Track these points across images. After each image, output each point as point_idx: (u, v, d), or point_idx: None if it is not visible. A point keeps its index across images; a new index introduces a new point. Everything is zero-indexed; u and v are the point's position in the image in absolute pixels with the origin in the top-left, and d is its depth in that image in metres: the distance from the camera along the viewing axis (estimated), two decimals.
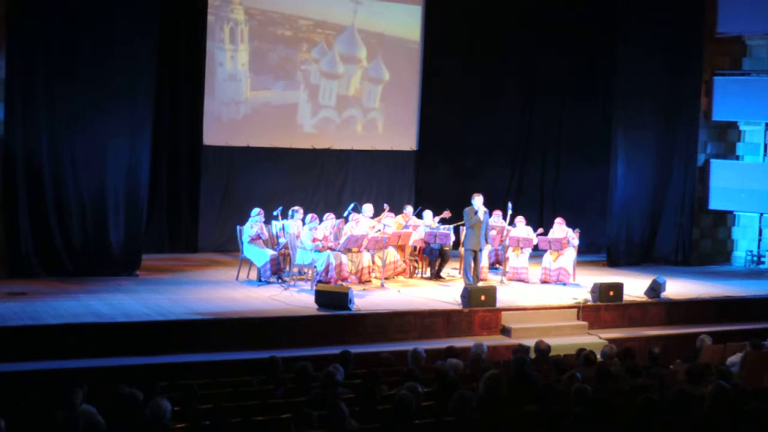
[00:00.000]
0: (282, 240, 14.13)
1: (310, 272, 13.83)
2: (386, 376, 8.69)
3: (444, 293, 13.87)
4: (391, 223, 15.01)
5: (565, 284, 14.98)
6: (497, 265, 15.81)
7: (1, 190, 13.57)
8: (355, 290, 13.14)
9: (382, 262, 14.42)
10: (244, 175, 17.06)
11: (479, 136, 19.03)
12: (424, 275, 15.25)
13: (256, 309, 12.30)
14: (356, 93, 18.01)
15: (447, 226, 15.32)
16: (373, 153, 18.29)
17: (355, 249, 14.18)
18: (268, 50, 17.18)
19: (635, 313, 13.93)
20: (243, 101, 17.06)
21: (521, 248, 15.27)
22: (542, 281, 15.16)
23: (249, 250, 14.02)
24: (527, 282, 15.13)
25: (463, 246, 14.19)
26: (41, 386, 9.17)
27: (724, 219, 18.88)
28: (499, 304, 13.08)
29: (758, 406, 7.58)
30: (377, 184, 18.33)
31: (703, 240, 18.58)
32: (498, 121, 19.06)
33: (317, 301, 12.45)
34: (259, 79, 17.17)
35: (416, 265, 15.36)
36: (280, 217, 14.25)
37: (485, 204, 14.15)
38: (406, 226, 15.16)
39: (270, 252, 14.01)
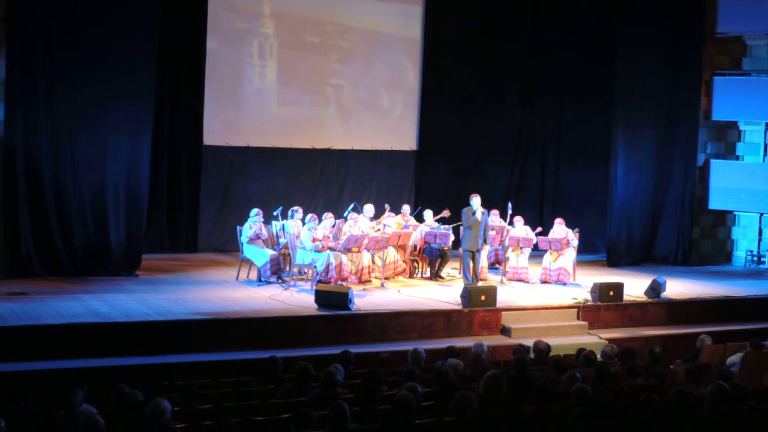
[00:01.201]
0: (282, 240, 14.13)
1: (310, 272, 13.83)
2: (386, 376, 8.69)
3: (444, 293, 13.87)
4: (391, 223, 15.01)
5: (565, 284, 14.98)
6: (497, 265, 15.81)
7: (1, 190, 13.57)
8: (355, 290, 13.14)
9: (382, 262, 14.42)
10: (244, 175, 17.06)
11: (479, 136, 19.01)
12: (424, 275, 15.25)
13: (256, 309, 12.29)
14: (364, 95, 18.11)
15: (446, 226, 15.32)
16: (373, 153, 18.29)
17: (355, 249, 14.18)
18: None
19: (635, 313, 13.93)
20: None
21: (521, 248, 15.27)
22: (542, 281, 15.16)
23: (248, 250, 14.02)
24: (527, 282, 15.12)
25: (460, 247, 14.19)
26: (41, 386, 9.17)
27: (724, 219, 18.88)
28: (499, 304, 13.07)
29: (758, 406, 7.58)
30: (377, 184, 18.33)
31: (703, 240, 18.58)
32: (498, 121, 19.04)
33: (317, 301, 12.45)
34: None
35: (416, 265, 15.36)
36: (280, 217, 14.25)
37: (484, 204, 14.14)
38: (406, 226, 15.15)
39: (270, 252, 14.01)
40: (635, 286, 14.60)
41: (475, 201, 13.95)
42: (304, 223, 13.95)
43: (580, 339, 12.72)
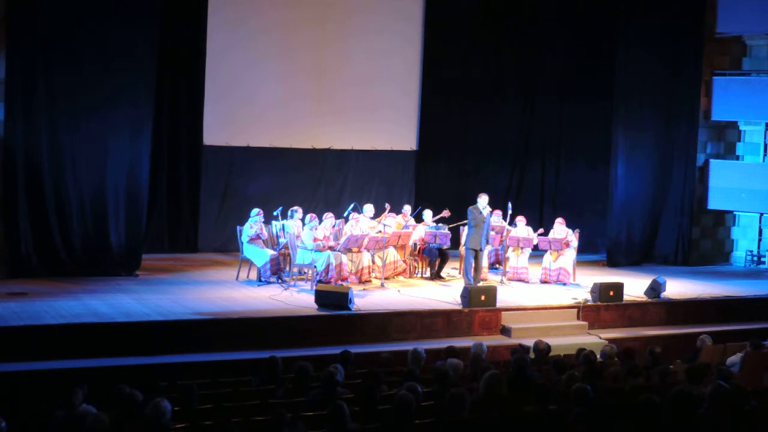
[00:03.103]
0: (282, 240, 14.13)
1: (310, 272, 13.83)
2: (386, 376, 8.69)
3: (444, 293, 13.87)
4: (391, 223, 15.01)
5: (565, 284, 14.99)
6: (497, 265, 15.81)
7: (1, 190, 13.57)
8: (355, 290, 13.14)
9: (382, 262, 14.42)
10: (244, 175, 17.05)
11: (479, 136, 19.00)
12: (424, 275, 15.25)
13: (256, 309, 12.30)
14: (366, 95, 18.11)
15: (444, 225, 15.30)
16: (373, 153, 18.27)
17: (355, 249, 14.18)
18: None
19: (635, 313, 13.93)
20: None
21: (521, 248, 15.27)
22: (542, 281, 15.16)
23: (248, 250, 14.02)
24: (527, 282, 15.12)
25: (464, 245, 14.19)
26: (41, 386, 9.17)
27: (724, 219, 18.88)
28: (499, 304, 13.08)
29: (758, 406, 7.58)
30: (377, 184, 18.31)
31: (703, 240, 18.58)
32: (498, 121, 19.03)
33: (317, 301, 12.45)
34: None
35: (416, 265, 15.36)
36: (280, 217, 14.25)
37: None
38: (406, 226, 15.15)
39: (270, 252, 14.01)
40: (635, 286, 14.60)
41: (482, 200, 13.96)
42: (304, 223, 13.95)
43: (580, 339, 12.72)
